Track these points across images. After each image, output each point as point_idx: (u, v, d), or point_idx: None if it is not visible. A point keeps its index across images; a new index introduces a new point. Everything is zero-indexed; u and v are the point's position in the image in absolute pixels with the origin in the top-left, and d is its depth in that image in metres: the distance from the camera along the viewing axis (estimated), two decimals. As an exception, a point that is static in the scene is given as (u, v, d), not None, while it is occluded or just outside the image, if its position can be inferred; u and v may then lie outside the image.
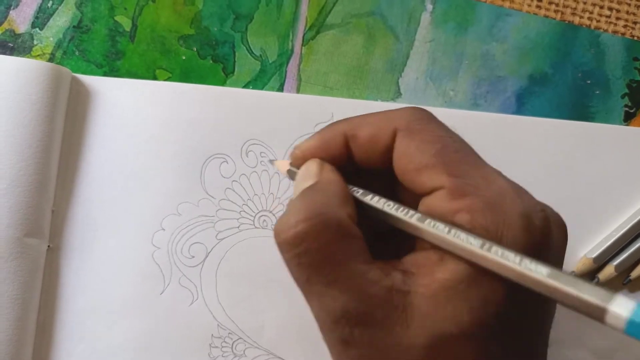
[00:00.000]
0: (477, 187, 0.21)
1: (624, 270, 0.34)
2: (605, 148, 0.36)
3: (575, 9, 0.37)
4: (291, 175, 0.25)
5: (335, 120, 0.34)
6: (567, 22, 0.37)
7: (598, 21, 0.37)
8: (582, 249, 0.35)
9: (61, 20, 0.35)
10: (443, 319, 0.20)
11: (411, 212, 0.22)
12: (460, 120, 0.35)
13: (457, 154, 0.22)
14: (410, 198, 0.23)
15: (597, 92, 0.37)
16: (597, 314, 0.18)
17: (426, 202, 0.22)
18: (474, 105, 0.36)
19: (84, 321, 0.32)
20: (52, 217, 0.32)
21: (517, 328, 0.21)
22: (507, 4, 0.37)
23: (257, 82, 0.35)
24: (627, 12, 0.37)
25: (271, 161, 0.33)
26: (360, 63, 0.36)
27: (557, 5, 0.37)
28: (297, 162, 0.25)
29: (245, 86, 0.35)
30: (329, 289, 0.21)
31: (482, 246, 0.20)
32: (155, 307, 0.32)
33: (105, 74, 0.34)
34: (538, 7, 0.37)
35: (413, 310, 0.20)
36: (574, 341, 0.33)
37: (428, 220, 0.21)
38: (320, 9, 0.36)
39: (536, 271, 0.19)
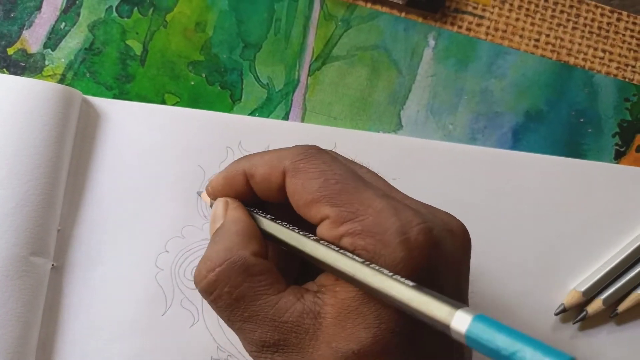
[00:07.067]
0: (356, 212, 0.23)
1: (612, 304, 0.35)
2: (596, 185, 0.37)
3: (570, 49, 0.39)
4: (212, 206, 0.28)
5: (336, 149, 0.35)
6: (562, 62, 0.39)
7: (592, 62, 0.39)
8: (572, 282, 0.36)
9: (73, 42, 0.35)
10: (345, 337, 0.22)
11: (303, 238, 0.24)
12: (458, 154, 0.36)
13: (337, 185, 0.24)
14: (311, 229, 0.25)
15: (590, 130, 0.38)
16: (446, 331, 0.19)
17: (318, 232, 0.24)
18: (472, 139, 0.37)
19: (85, 340, 0.32)
20: (57, 236, 0.33)
21: (424, 351, 0.22)
22: (506, 43, 0.38)
23: (263, 109, 0.36)
24: (620, 55, 0.39)
25: (199, 193, 0.33)
26: (364, 95, 0.37)
27: (553, 45, 0.39)
28: (211, 197, 0.28)
29: (252, 113, 0.36)
30: (247, 324, 0.23)
31: (353, 268, 0.21)
32: (156, 328, 0.32)
33: (114, 97, 0.35)
34: (535, 46, 0.39)
35: (322, 332, 0.22)
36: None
37: (310, 246, 0.23)
38: (327, 40, 0.37)
39: (395, 289, 0.20)
